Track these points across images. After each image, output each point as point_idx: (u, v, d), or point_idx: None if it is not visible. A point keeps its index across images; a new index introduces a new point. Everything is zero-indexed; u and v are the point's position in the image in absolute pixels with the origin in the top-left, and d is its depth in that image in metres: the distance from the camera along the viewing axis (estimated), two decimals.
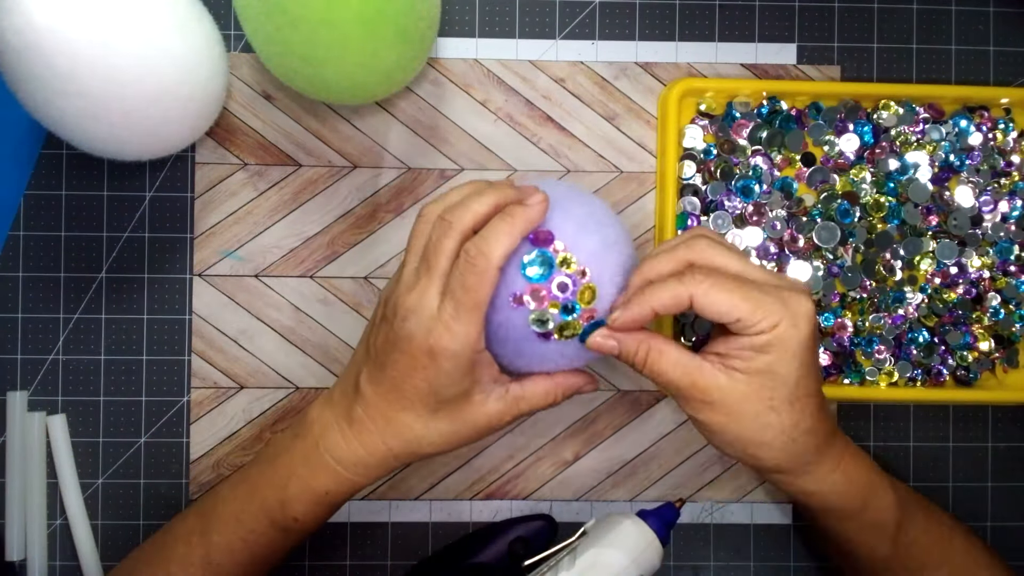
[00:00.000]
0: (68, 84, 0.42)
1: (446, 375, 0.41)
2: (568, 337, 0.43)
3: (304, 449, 0.45)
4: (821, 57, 0.56)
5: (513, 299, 0.42)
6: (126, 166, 0.54)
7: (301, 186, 0.55)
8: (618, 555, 0.44)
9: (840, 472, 0.44)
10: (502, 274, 0.41)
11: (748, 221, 0.54)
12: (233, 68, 0.55)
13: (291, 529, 0.45)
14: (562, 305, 0.42)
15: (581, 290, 0.43)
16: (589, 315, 0.43)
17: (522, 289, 0.42)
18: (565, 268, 0.42)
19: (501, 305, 0.43)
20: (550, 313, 0.42)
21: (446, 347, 0.41)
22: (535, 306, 0.42)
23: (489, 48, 0.55)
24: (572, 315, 0.43)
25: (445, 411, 0.43)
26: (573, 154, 0.55)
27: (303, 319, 0.55)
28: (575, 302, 0.42)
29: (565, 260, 0.42)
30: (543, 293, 0.42)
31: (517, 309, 0.42)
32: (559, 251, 0.42)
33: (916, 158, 0.55)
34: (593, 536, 0.45)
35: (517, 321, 0.43)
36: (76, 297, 0.54)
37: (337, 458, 0.44)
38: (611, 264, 0.44)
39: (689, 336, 0.54)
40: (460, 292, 0.40)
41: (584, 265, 0.43)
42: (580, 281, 0.43)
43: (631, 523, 0.45)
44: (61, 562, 0.54)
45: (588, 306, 0.43)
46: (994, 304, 0.55)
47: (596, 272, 0.43)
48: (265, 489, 0.45)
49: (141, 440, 0.54)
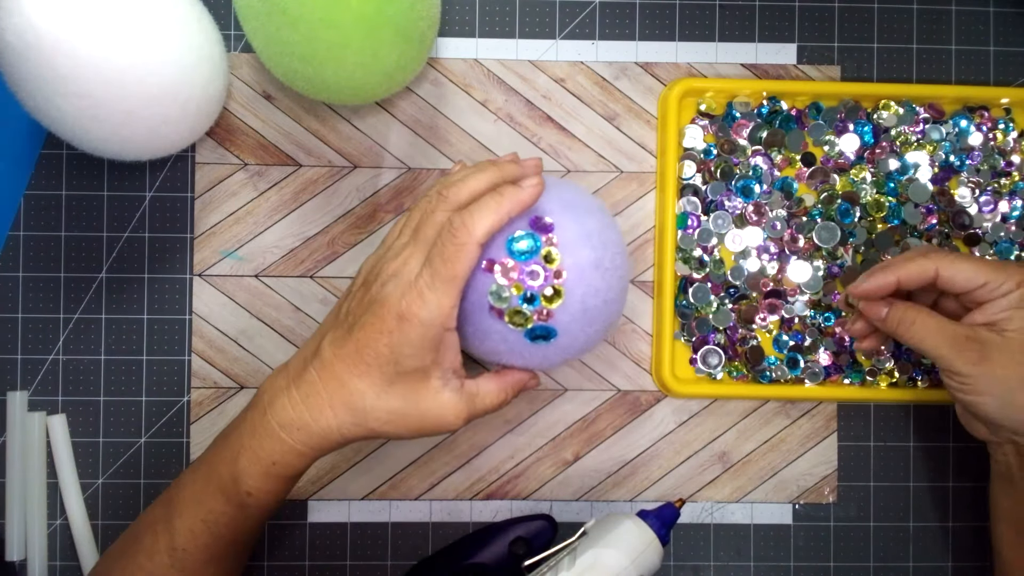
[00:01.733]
0: (68, 84, 0.42)
1: (409, 343, 0.41)
2: (516, 326, 0.43)
3: (252, 419, 0.44)
4: (821, 57, 0.56)
5: (486, 264, 0.42)
6: (126, 166, 0.54)
7: (301, 186, 0.55)
8: (618, 555, 0.44)
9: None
10: (487, 249, 0.41)
11: (748, 221, 0.54)
12: (233, 68, 0.55)
13: (247, 504, 0.44)
14: (525, 291, 0.42)
15: (550, 289, 0.42)
16: (545, 315, 0.43)
17: (497, 258, 0.42)
18: (545, 261, 0.42)
19: (475, 273, 0.43)
20: (510, 291, 0.42)
21: (416, 313, 0.40)
22: (501, 277, 0.42)
23: (489, 48, 0.55)
24: (528, 306, 0.43)
25: (400, 385, 0.42)
26: (573, 154, 0.55)
27: (303, 319, 0.55)
28: (537, 295, 0.42)
29: (549, 255, 0.42)
30: (513, 271, 0.42)
31: (484, 276, 0.43)
32: (549, 243, 0.43)
33: (916, 158, 0.55)
34: (593, 536, 0.45)
35: (480, 287, 0.43)
36: (76, 297, 0.54)
37: (282, 423, 0.43)
38: (592, 285, 0.43)
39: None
40: (438, 262, 0.40)
41: (565, 269, 0.43)
42: (551, 279, 0.42)
43: (631, 523, 0.45)
44: (61, 562, 0.54)
45: (549, 305, 0.43)
46: None
47: (573, 282, 0.43)
48: (219, 466, 0.44)
49: (141, 440, 0.54)
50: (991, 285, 0.45)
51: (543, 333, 0.43)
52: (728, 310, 0.54)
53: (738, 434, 0.56)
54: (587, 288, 0.43)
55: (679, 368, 0.55)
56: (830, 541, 0.56)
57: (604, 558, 0.44)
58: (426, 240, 0.42)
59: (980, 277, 0.45)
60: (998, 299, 0.45)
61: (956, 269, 0.45)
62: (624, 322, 0.55)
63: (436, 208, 0.42)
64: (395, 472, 0.55)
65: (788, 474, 0.56)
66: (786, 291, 0.54)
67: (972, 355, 0.45)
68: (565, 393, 0.55)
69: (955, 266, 0.45)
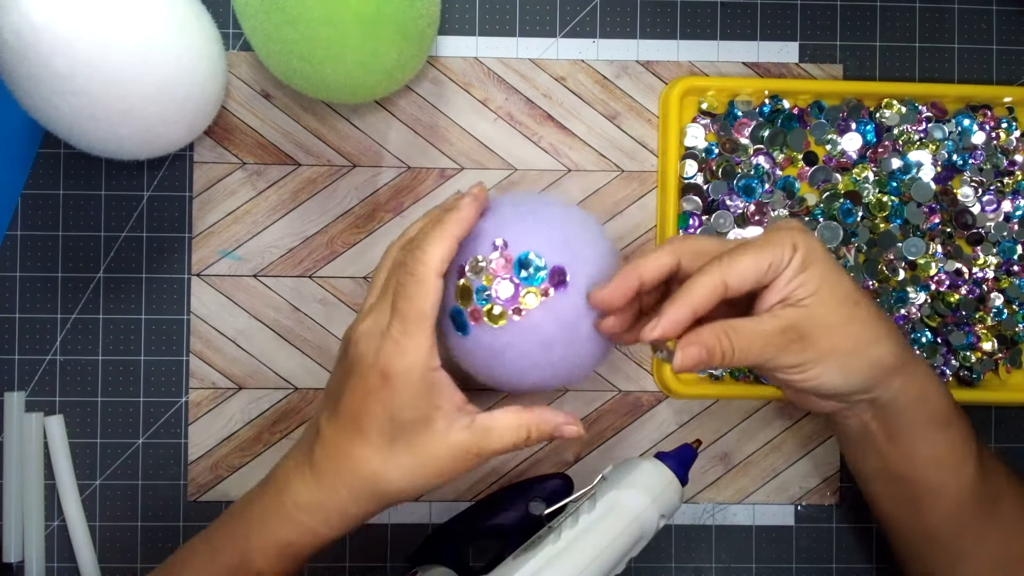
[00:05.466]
0: (66, 83, 0.42)
1: (399, 396, 0.40)
2: (457, 297, 0.42)
3: (266, 499, 0.43)
4: (823, 55, 0.56)
5: (457, 271, 0.42)
6: (124, 165, 0.54)
7: (300, 185, 0.54)
8: (638, 496, 0.43)
9: (933, 370, 0.44)
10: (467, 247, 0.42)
11: (750, 221, 0.54)
12: (232, 67, 0.54)
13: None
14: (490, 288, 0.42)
15: (498, 308, 0.42)
16: (475, 316, 0.42)
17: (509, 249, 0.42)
18: (520, 297, 0.42)
19: (449, 276, 0.42)
20: (484, 273, 0.42)
21: (396, 364, 0.39)
22: (496, 258, 0.42)
23: (489, 46, 0.55)
24: (476, 296, 0.42)
25: (404, 440, 0.40)
26: (574, 153, 0.55)
27: (302, 319, 0.54)
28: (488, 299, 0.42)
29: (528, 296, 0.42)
30: (502, 272, 0.42)
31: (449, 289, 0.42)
32: (544, 292, 0.42)
33: (919, 157, 0.55)
34: (612, 480, 0.44)
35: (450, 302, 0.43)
36: (74, 297, 0.54)
37: (298, 504, 0.42)
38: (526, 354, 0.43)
39: None
40: (403, 304, 0.39)
41: (525, 316, 0.42)
42: (508, 306, 0.42)
43: (650, 465, 0.45)
44: (59, 564, 0.54)
45: (486, 317, 0.42)
46: (997, 304, 0.55)
47: (514, 331, 0.42)
48: (227, 546, 0.43)
49: (139, 441, 0.54)
50: (776, 262, 0.40)
51: (460, 324, 0.43)
52: None
53: (740, 435, 0.55)
54: (521, 346, 0.42)
55: None
56: (832, 543, 0.56)
57: (624, 499, 0.43)
58: (388, 289, 0.41)
59: (763, 260, 0.40)
60: (785, 273, 0.41)
61: (738, 270, 0.40)
62: None
63: (391, 254, 0.42)
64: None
65: (790, 475, 0.55)
66: None
67: (794, 345, 0.40)
68: (566, 394, 0.55)
69: (737, 267, 0.40)
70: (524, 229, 0.43)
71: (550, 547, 0.42)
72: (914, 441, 0.44)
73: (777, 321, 0.41)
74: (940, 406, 0.44)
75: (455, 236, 0.40)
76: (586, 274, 0.42)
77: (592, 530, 0.42)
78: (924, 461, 0.45)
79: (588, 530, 0.42)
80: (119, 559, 0.54)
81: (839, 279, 0.41)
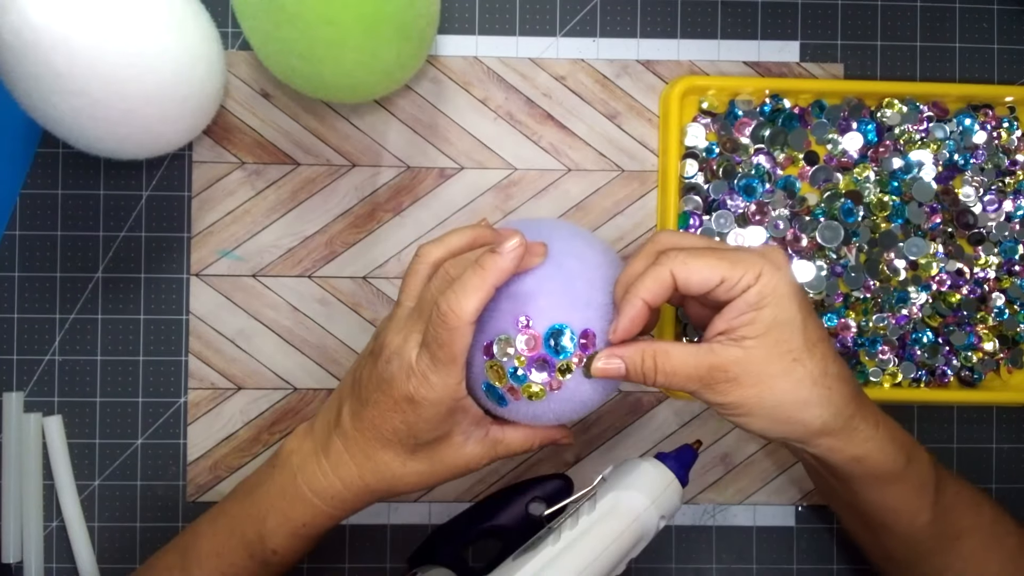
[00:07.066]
0: (65, 83, 0.42)
1: (425, 421, 0.41)
2: (489, 376, 0.42)
3: (282, 481, 0.45)
4: (824, 55, 0.56)
5: (484, 350, 0.42)
6: (123, 165, 0.54)
7: (299, 185, 0.54)
8: (639, 497, 0.43)
9: (883, 428, 0.42)
10: (488, 317, 0.41)
11: (751, 220, 0.54)
12: (231, 66, 0.54)
13: (270, 562, 0.45)
14: (523, 368, 0.41)
15: (537, 387, 0.42)
16: (513, 393, 0.42)
17: (533, 326, 0.41)
18: (559, 371, 0.41)
19: (476, 351, 0.42)
20: (515, 354, 0.41)
21: (424, 396, 0.40)
22: (520, 341, 0.41)
23: (489, 46, 0.55)
24: (511, 377, 0.42)
25: (424, 453, 0.43)
26: (574, 153, 0.55)
27: (301, 319, 0.54)
28: (525, 378, 0.42)
29: (567, 367, 0.41)
30: (532, 344, 0.41)
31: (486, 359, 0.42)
32: (579, 358, 0.41)
33: (920, 157, 0.54)
34: (612, 481, 0.44)
35: (480, 371, 0.42)
36: (72, 297, 0.54)
37: (315, 491, 0.44)
38: (561, 411, 0.43)
39: (692, 336, 0.54)
40: (435, 347, 0.40)
41: (564, 387, 0.42)
42: (546, 382, 0.42)
43: (650, 465, 0.45)
44: (57, 564, 0.53)
45: (525, 393, 0.42)
46: (999, 304, 0.55)
47: (555, 399, 0.42)
48: (244, 523, 0.45)
49: (138, 441, 0.54)
50: (730, 280, 0.39)
51: (498, 398, 0.43)
52: None
53: (740, 435, 0.55)
54: (562, 409, 0.43)
55: None
56: (833, 544, 0.55)
57: (624, 500, 0.43)
58: (423, 316, 0.41)
59: (717, 272, 0.39)
60: (736, 299, 0.39)
61: (690, 270, 0.39)
62: None
63: (440, 286, 0.42)
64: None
65: (791, 476, 0.55)
66: None
67: (720, 384, 0.39)
68: None
69: (688, 266, 0.39)
70: (545, 295, 0.42)
71: (550, 548, 0.42)
72: (860, 489, 0.44)
73: (710, 358, 0.39)
74: (882, 467, 0.42)
75: (493, 286, 0.40)
76: (609, 319, 0.42)
77: (592, 531, 0.42)
78: (872, 506, 0.45)
79: (588, 531, 0.42)
80: (118, 559, 0.53)
81: (791, 330, 0.39)
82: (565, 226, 0.46)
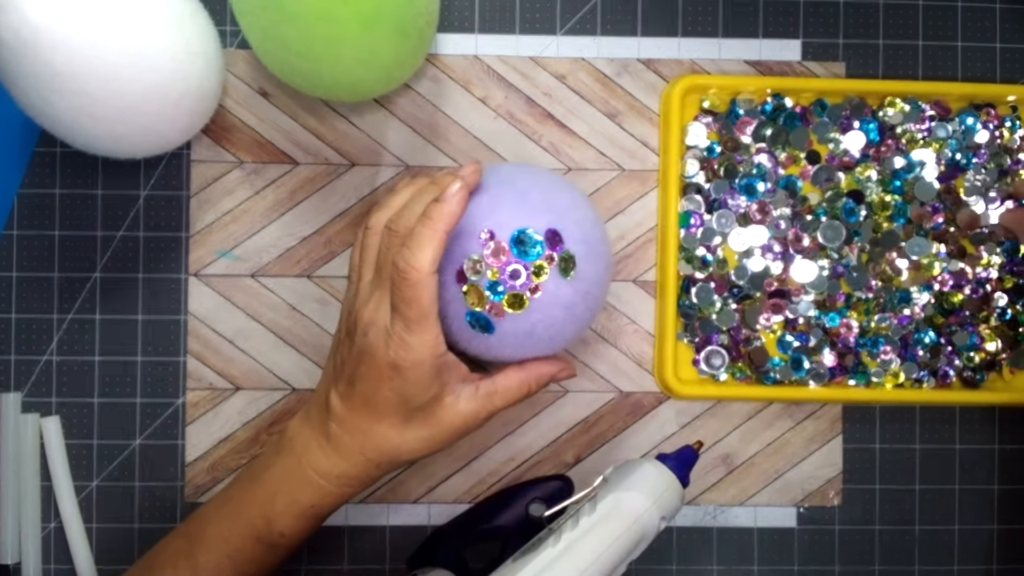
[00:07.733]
0: (63, 82, 0.42)
1: (412, 384, 0.42)
2: (468, 303, 0.43)
3: (287, 465, 0.45)
4: (826, 53, 0.56)
5: (456, 278, 0.43)
6: (121, 164, 0.54)
7: (298, 184, 0.54)
8: (639, 497, 0.43)
9: None
10: (453, 247, 0.42)
11: (752, 220, 0.54)
12: (229, 65, 0.54)
13: (278, 545, 0.45)
14: (497, 280, 0.42)
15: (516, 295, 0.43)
16: (495, 312, 0.43)
17: (498, 235, 0.42)
18: (534, 273, 0.42)
19: (447, 283, 0.43)
20: (486, 269, 0.42)
21: (405, 358, 0.41)
22: (490, 256, 0.42)
23: (489, 44, 0.55)
24: (490, 293, 0.42)
25: (419, 418, 0.44)
26: (574, 152, 0.55)
27: (300, 319, 0.54)
28: (504, 291, 0.42)
29: (540, 269, 0.42)
30: (501, 256, 0.42)
31: (457, 287, 0.43)
32: (548, 258, 0.42)
33: (922, 156, 0.54)
34: (613, 482, 0.44)
35: (458, 307, 0.43)
36: (70, 297, 0.54)
37: (320, 472, 0.45)
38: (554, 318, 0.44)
39: (693, 336, 0.54)
40: (403, 307, 0.40)
41: (542, 290, 0.43)
42: (525, 288, 0.42)
43: (650, 466, 0.45)
44: (55, 565, 0.53)
45: (506, 307, 0.43)
46: (1001, 304, 0.54)
47: (538, 305, 0.43)
48: (250, 507, 0.45)
49: (136, 442, 0.54)
50: None
51: (484, 324, 0.43)
52: (731, 310, 0.54)
53: (741, 436, 0.55)
54: (548, 318, 0.44)
55: (682, 369, 0.54)
56: (835, 544, 0.55)
57: (625, 501, 0.43)
58: (383, 276, 0.42)
59: None
60: None
61: None
62: (627, 322, 0.55)
63: (390, 247, 0.42)
64: (393, 475, 0.54)
65: (792, 477, 0.55)
66: (790, 291, 0.54)
67: None
68: (566, 395, 0.55)
69: None
70: (502, 208, 0.43)
71: (550, 549, 0.42)
72: None
73: None
74: None
75: (445, 233, 0.41)
76: (573, 221, 0.44)
77: (592, 532, 0.42)
78: None
79: (588, 532, 0.42)
80: (116, 560, 0.53)
81: None
82: (521, 164, 0.47)
